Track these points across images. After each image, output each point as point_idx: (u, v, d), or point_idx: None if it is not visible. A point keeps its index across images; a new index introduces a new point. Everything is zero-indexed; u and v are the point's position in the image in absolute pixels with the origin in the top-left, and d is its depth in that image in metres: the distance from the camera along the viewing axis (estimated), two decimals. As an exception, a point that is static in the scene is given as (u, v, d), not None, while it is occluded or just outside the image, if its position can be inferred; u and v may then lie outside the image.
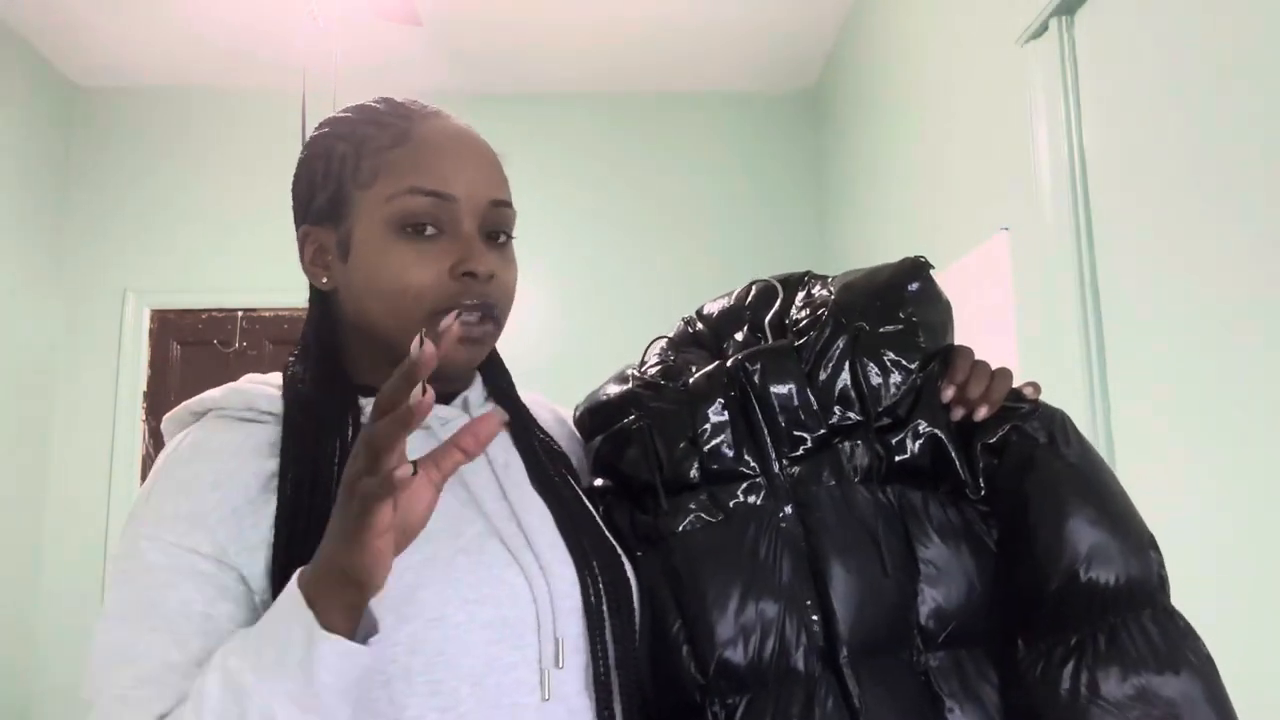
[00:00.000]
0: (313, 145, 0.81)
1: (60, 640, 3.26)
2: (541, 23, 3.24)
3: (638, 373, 0.92)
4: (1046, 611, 0.72)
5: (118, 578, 0.70)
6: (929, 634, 0.75)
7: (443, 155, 0.76)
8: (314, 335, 0.81)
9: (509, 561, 0.73)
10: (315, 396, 0.75)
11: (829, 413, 0.79)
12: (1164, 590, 0.73)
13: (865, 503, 0.77)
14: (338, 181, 0.77)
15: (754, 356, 0.81)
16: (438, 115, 0.80)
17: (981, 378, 0.79)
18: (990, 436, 0.78)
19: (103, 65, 3.47)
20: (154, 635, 0.66)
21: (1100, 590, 0.71)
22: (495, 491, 0.78)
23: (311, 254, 0.80)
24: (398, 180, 0.75)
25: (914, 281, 0.83)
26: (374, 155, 0.76)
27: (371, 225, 0.75)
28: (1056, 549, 0.72)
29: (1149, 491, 1.48)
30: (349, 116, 0.81)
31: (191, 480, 0.71)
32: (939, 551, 0.76)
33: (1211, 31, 1.33)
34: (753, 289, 0.97)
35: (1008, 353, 1.91)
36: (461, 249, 0.75)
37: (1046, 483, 0.74)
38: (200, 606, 0.67)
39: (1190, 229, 1.38)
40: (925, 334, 0.81)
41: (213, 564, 0.68)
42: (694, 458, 0.80)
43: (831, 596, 0.74)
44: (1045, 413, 0.79)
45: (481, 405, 0.84)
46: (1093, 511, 0.73)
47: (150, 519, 0.70)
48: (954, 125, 2.30)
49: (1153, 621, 0.71)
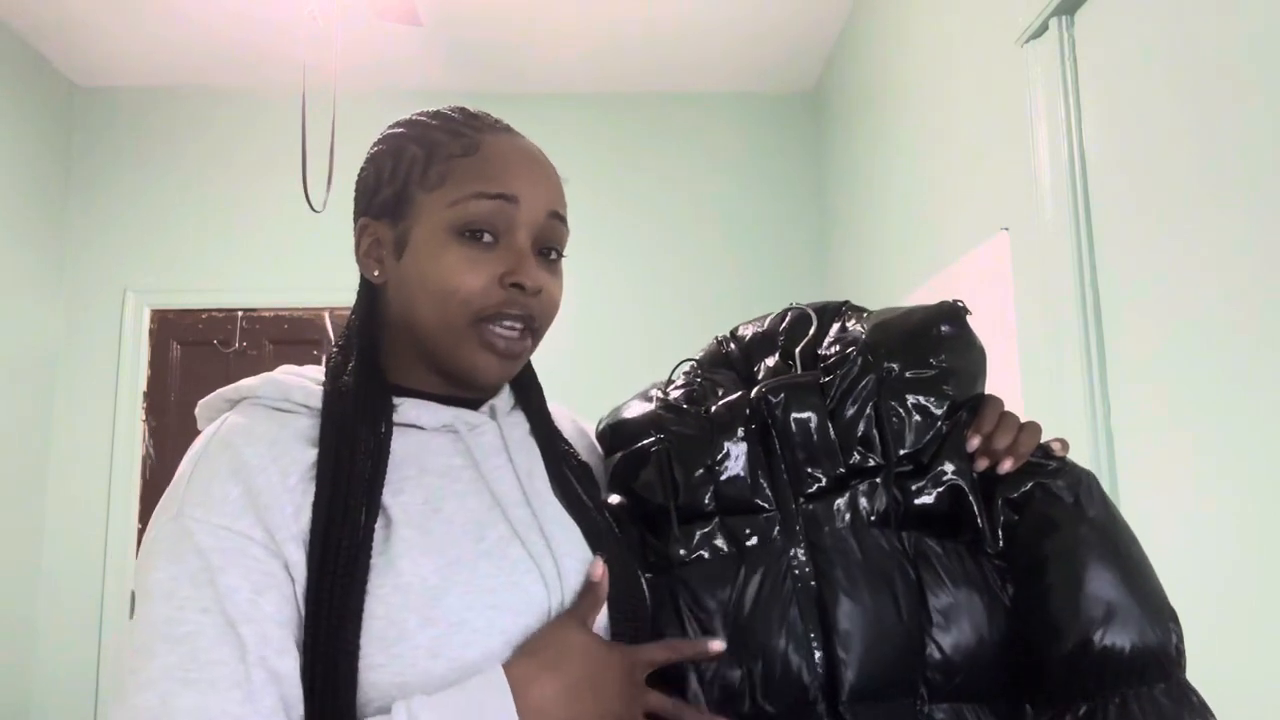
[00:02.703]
0: (385, 142, 0.83)
1: (60, 640, 3.26)
2: (541, 23, 3.24)
3: (662, 393, 0.92)
4: (1057, 675, 0.70)
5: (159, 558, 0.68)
6: (934, 685, 0.73)
7: (509, 165, 0.79)
8: (358, 327, 0.82)
9: (530, 568, 0.74)
10: (355, 390, 0.77)
11: (849, 453, 0.78)
12: (1180, 664, 0.71)
13: (879, 547, 0.76)
14: (404, 181, 0.79)
15: (777, 389, 0.80)
16: (509, 130, 0.83)
17: (1009, 430, 0.78)
18: (1013, 491, 0.76)
19: (103, 65, 3.47)
20: (204, 617, 0.65)
21: (1114, 657, 0.69)
22: (519, 497, 0.78)
23: (367, 246, 0.82)
24: (463, 186, 0.77)
25: (947, 325, 0.81)
26: (444, 161, 0.78)
27: (431, 227, 0.77)
28: (1073, 611, 0.70)
29: (1149, 492, 1.48)
30: (424, 120, 0.83)
31: (239, 465, 0.70)
32: (951, 601, 0.74)
33: (1212, 31, 1.33)
34: (788, 315, 0.96)
35: (1008, 353, 1.91)
36: (514, 260, 0.77)
37: (1068, 544, 0.73)
38: (247, 594, 0.66)
39: (1190, 229, 1.38)
40: (955, 381, 0.79)
41: (261, 549, 0.68)
42: (710, 487, 0.80)
43: (836, 638, 0.73)
44: (1072, 471, 0.77)
45: (508, 413, 0.86)
46: (1114, 576, 0.71)
47: (198, 501, 0.69)
48: (954, 125, 2.30)
49: (1166, 695, 0.69)
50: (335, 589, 0.67)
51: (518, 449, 0.82)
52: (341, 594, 0.67)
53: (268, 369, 0.80)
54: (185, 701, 0.62)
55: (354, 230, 0.84)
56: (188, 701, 0.62)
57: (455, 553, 0.71)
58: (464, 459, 0.78)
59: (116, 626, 3.29)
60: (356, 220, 0.84)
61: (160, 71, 3.52)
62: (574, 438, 0.92)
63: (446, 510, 0.74)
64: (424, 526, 0.72)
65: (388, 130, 0.84)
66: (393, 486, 0.73)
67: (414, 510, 0.73)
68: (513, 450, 0.81)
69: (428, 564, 0.70)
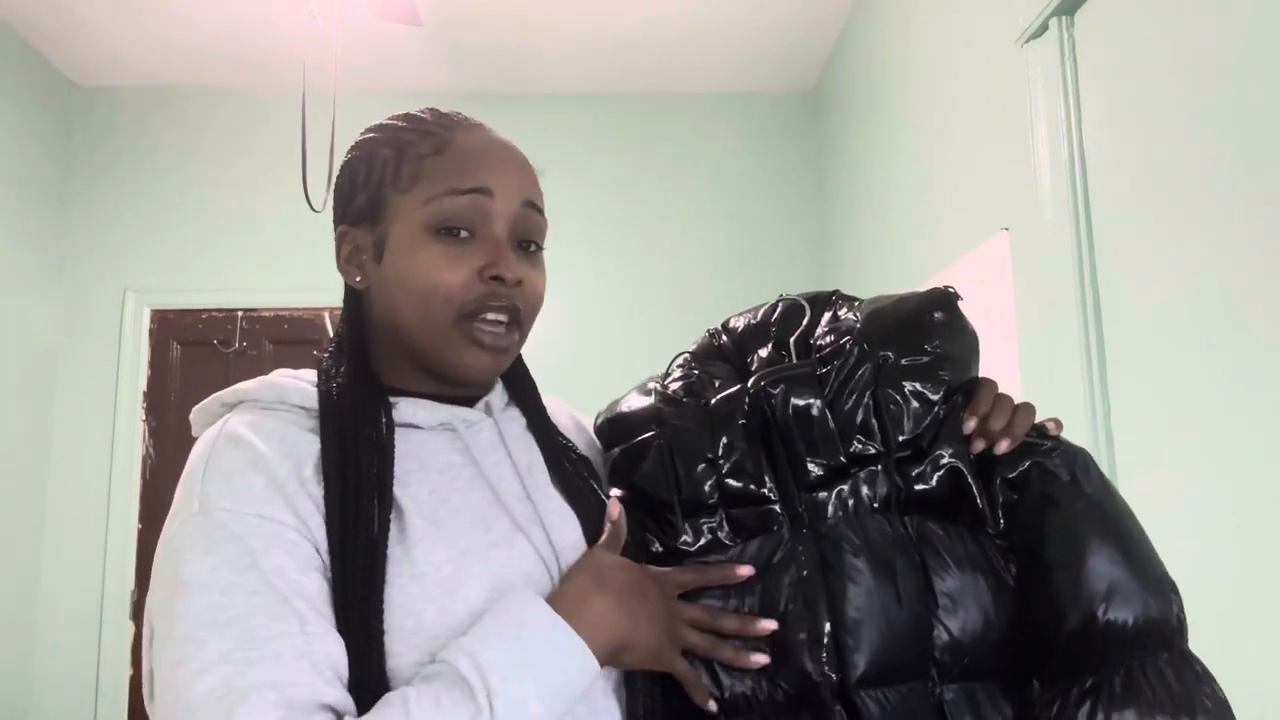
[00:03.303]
0: (357, 148, 0.84)
1: (60, 640, 3.26)
2: (541, 23, 3.24)
3: (660, 386, 0.92)
4: (1063, 651, 0.71)
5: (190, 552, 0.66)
6: (943, 666, 0.74)
7: (481, 158, 0.79)
8: (347, 333, 0.83)
9: (536, 561, 0.75)
10: (351, 390, 0.77)
11: (849, 441, 0.79)
12: (1182, 634, 0.72)
13: (882, 532, 0.77)
14: (378, 185, 0.80)
15: (776, 380, 0.80)
16: (480, 126, 0.83)
17: (1004, 411, 0.79)
18: (1010, 471, 0.77)
19: (103, 65, 3.47)
20: (253, 599, 0.64)
21: (1119, 631, 0.70)
22: (519, 492, 0.79)
23: (347, 253, 0.83)
24: (436, 184, 0.77)
25: (940, 311, 0.82)
26: (414, 161, 0.79)
27: (407, 227, 0.77)
28: (1075, 588, 0.71)
29: (1149, 492, 1.48)
30: (394, 123, 0.83)
31: (256, 457, 0.70)
32: (956, 584, 0.75)
33: (1211, 31, 1.33)
34: (779, 306, 0.97)
35: (1008, 352, 1.91)
36: (491, 252, 0.77)
37: (1067, 521, 0.74)
38: (294, 572, 0.67)
39: (1190, 229, 1.38)
40: (950, 366, 0.80)
41: (295, 534, 0.68)
42: (712, 479, 0.80)
43: (844, 625, 0.74)
44: (1067, 450, 0.78)
45: (503, 409, 0.86)
46: (1114, 551, 0.72)
47: (223, 494, 0.68)
48: (954, 125, 2.30)
49: (1169, 665, 0.70)
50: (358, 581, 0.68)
51: (516, 444, 0.83)
52: (365, 586, 0.68)
53: (268, 369, 0.81)
54: (253, 679, 0.61)
55: (334, 239, 0.84)
56: (256, 678, 0.61)
57: (466, 543, 0.72)
58: (463, 456, 0.79)
59: (116, 626, 3.29)
60: (336, 228, 0.84)
61: (160, 71, 3.52)
62: (572, 432, 0.93)
63: (453, 503, 0.75)
64: (434, 517, 0.73)
65: (360, 137, 0.85)
66: (399, 480, 0.74)
67: (423, 501, 0.74)
68: (511, 446, 0.82)
69: (441, 554, 0.71)
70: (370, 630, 0.67)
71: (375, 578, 0.69)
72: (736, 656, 0.75)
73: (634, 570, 0.75)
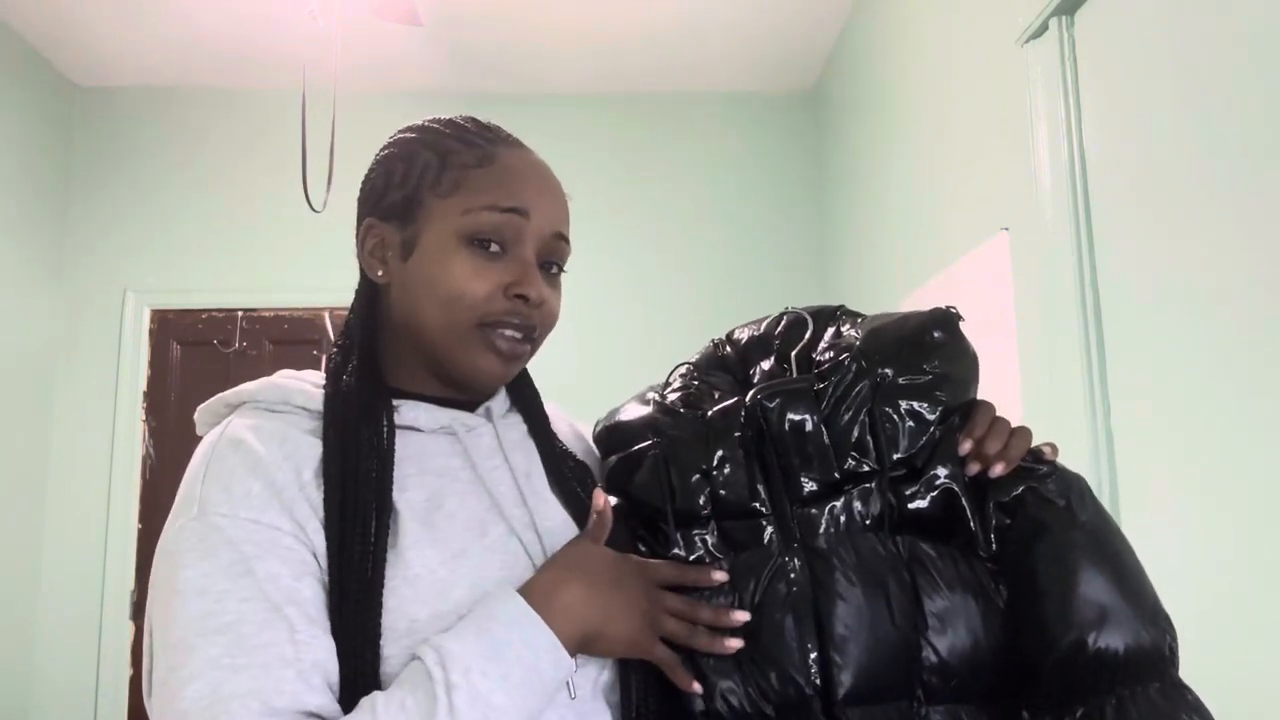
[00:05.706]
0: (396, 146, 0.84)
1: (60, 640, 3.26)
2: (541, 23, 3.24)
3: (659, 396, 0.92)
4: (1053, 678, 0.71)
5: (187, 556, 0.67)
6: (931, 688, 0.74)
7: (524, 180, 0.81)
8: (359, 327, 0.84)
9: (529, 565, 0.76)
10: (355, 392, 0.78)
11: (844, 458, 0.78)
12: (1174, 663, 0.72)
13: (874, 551, 0.77)
14: (416, 185, 0.81)
15: (772, 394, 0.80)
16: (521, 145, 0.85)
17: (1000, 434, 0.79)
18: (1005, 495, 0.77)
19: (103, 65, 3.47)
20: (245, 605, 0.65)
21: (1109, 659, 0.69)
22: (515, 497, 0.80)
23: (372, 246, 0.83)
24: (477, 196, 0.79)
25: (940, 331, 0.82)
26: (457, 169, 0.80)
27: (442, 232, 0.79)
28: (1066, 614, 0.71)
29: (1148, 492, 1.48)
30: (437, 127, 0.84)
31: (255, 461, 0.71)
32: (946, 605, 0.74)
33: (1211, 31, 1.33)
34: (783, 319, 0.97)
35: (1008, 352, 1.91)
36: (519, 271, 0.79)
37: (1060, 547, 0.73)
38: (287, 579, 0.67)
39: (1190, 229, 1.38)
40: (948, 387, 0.80)
41: (292, 539, 0.69)
42: (706, 491, 0.80)
43: (832, 642, 0.74)
44: (1063, 476, 0.78)
45: (504, 415, 0.87)
46: (1106, 579, 0.72)
47: (220, 499, 0.69)
48: (954, 125, 2.30)
49: (1161, 695, 0.69)
50: (355, 585, 0.69)
51: (514, 450, 0.83)
52: (363, 590, 0.69)
53: (268, 369, 0.81)
54: (238, 686, 0.62)
55: (357, 230, 0.84)
56: (241, 686, 0.62)
57: (459, 546, 0.73)
58: (462, 460, 0.80)
59: (116, 626, 3.29)
60: (361, 220, 0.84)
61: (160, 71, 3.52)
62: (570, 440, 0.93)
63: (448, 507, 0.76)
64: (428, 521, 0.74)
65: (398, 134, 0.86)
66: (397, 484, 0.75)
67: (418, 506, 0.74)
68: (509, 451, 0.82)
69: (434, 556, 0.72)
70: (367, 633, 0.68)
71: (373, 582, 0.69)
72: (712, 642, 0.75)
73: (611, 558, 0.76)
